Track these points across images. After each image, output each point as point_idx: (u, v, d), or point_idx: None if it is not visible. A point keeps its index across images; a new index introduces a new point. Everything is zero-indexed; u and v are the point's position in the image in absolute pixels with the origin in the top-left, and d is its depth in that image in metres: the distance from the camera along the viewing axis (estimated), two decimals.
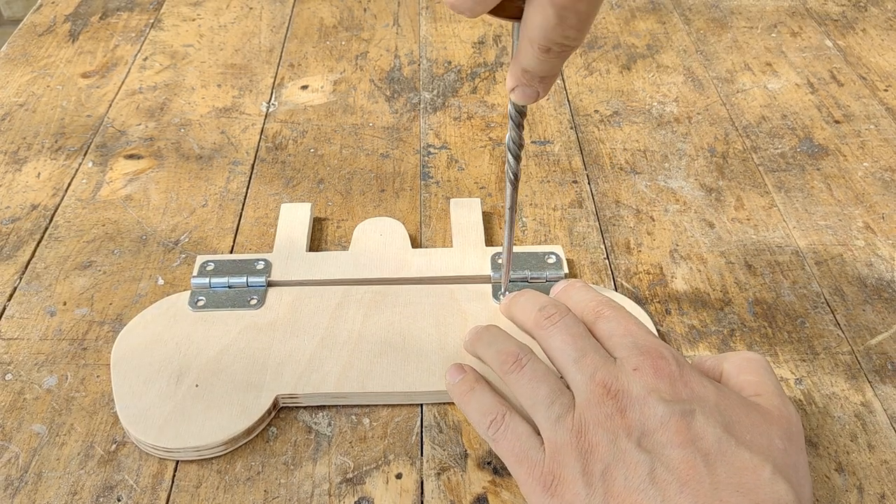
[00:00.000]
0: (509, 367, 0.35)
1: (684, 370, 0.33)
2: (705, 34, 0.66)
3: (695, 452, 0.30)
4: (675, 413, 0.31)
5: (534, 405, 0.33)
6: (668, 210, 0.48)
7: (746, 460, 0.30)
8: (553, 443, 0.32)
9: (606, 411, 0.31)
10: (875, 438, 0.36)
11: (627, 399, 0.32)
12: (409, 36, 0.66)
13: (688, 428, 0.30)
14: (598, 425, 0.31)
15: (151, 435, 0.35)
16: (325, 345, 0.39)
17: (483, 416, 0.34)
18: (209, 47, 0.65)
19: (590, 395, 0.32)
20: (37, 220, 0.48)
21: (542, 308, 0.36)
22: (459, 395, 0.36)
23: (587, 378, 0.33)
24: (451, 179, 0.51)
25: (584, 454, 0.31)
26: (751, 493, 0.29)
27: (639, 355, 0.33)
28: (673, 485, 0.29)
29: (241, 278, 0.42)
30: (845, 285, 0.43)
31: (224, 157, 0.53)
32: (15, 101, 0.59)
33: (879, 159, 0.52)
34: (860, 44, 0.64)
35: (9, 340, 0.41)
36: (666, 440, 0.30)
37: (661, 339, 0.34)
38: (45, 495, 0.34)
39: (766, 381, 0.34)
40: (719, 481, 0.29)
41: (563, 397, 0.33)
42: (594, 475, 0.30)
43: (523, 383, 0.34)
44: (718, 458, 0.30)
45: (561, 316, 0.36)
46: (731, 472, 0.29)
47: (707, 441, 0.30)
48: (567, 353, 0.34)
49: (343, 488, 0.34)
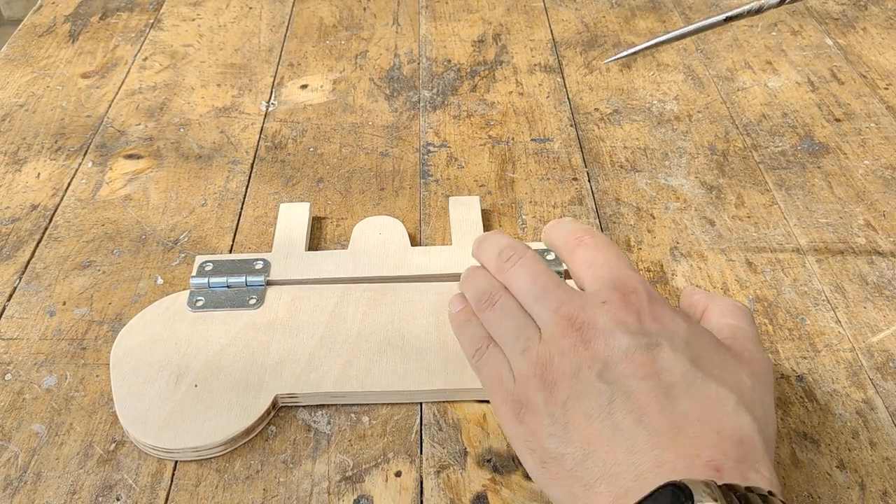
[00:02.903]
0: (483, 304, 0.36)
1: (655, 305, 0.33)
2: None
3: (658, 384, 0.30)
4: (640, 345, 0.31)
5: (503, 339, 0.34)
6: (668, 208, 0.48)
7: (711, 392, 0.30)
8: (520, 373, 0.32)
9: (570, 342, 0.32)
10: (877, 435, 0.36)
11: (592, 331, 0.32)
12: (408, 35, 0.66)
13: (653, 361, 0.30)
14: (561, 357, 0.31)
15: (150, 435, 0.35)
16: (324, 344, 0.39)
17: (472, 345, 0.35)
18: (209, 47, 0.65)
19: (554, 327, 0.32)
20: (36, 221, 0.48)
21: (500, 252, 0.37)
22: (457, 324, 0.37)
23: (551, 312, 0.33)
24: (450, 178, 0.51)
25: (548, 385, 0.31)
26: (712, 422, 0.29)
27: (610, 289, 0.33)
28: (632, 415, 0.29)
29: (240, 278, 0.42)
30: (846, 283, 0.43)
31: (223, 156, 0.53)
32: (15, 101, 0.59)
33: (880, 157, 0.52)
34: (861, 42, 0.64)
35: (8, 340, 0.40)
36: (629, 372, 0.30)
37: (638, 274, 0.34)
38: (44, 495, 0.34)
39: (745, 327, 0.34)
40: (681, 412, 0.29)
41: (529, 331, 0.33)
42: (556, 405, 0.31)
43: (494, 319, 0.35)
44: (682, 390, 0.30)
45: (519, 256, 0.36)
46: (695, 403, 0.29)
47: (672, 374, 0.30)
48: (529, 292, 0.34)
49: (342, 486, 0.34)
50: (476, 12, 0.70)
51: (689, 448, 0.28)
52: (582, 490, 0.29)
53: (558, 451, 0.30)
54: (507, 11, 0.69)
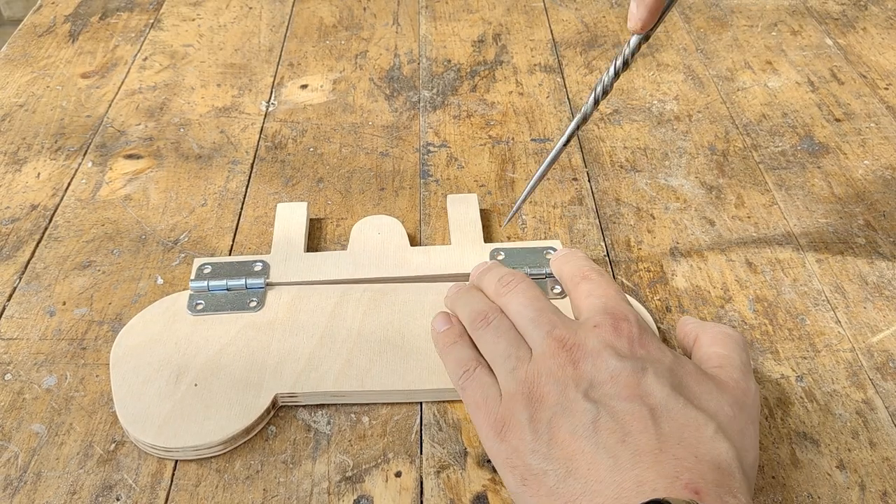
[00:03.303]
0: (478, 323, 0.37)
1: (645, 335, 0.34)
2: (705, 32, 0.66)
3: (642, 406, 0.30)
4: (626, 368, 0.32)
5: (494, 358, 0.35)
6: (668, 208, 0.48)
7: (692, 418, 0.30)
8: (507, 391, 0.33)
9: (559, 362, 0.33)
10: (877, 436, 0.36)
11: (582, 352, 0.33)
12: (408, 35, 0.66)
13: (638, 383, 0.31)
14: (549, 376, 0.32)
15: (150, 434, 0.35)
16: (324, 343, 0.39)
17: (459, 366, 0.36)
18: (209, 47, 0.65)
19: (545, 348, 0.33)
20: (36, 221, 0.48)
21: (500, 278, 0.38)
22: (442, 345, 0.37)
23: (544, 334, 0.34)
24: (450, 178, 0.51)
25: (534, 402, 0.32)
26: (691, 446, 0.29)
27: (602, 314, 0.34)
28: (616, 434, 0.30)
29: (240, 281, 0.42)
30: (846, 283, 0.43)
31: (223, 156, 0.53)
32: (15, 101, 0.59)
33: (880, 157, 0.52)
34: (860, 42, 0.64)
35: (8, 340, 0.40)
36: (614, 392, 0.31)
37: (632, 308, 0.36)
38: (44, 495, 0.34)
39: (732, 356, 0.34)
40: (662, 434, 0.30)
41: (521, 351, 0.34)
42: (541, 422, 0.31)
43: (487, 338, 0.36)
44: (664, 414, 0.30)
45: (518, 282, 0.37)
46: (675, 427, 0.30)
47: (655, 397, 0.31)
48: (524, 314, 0.36)
49: (342, 487, 0.34)
50: (476, 12, 0.70)
51: (670, 469, 0.28)
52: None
53: (541, 467, 0.30)
54: (507, 11, 0.69)
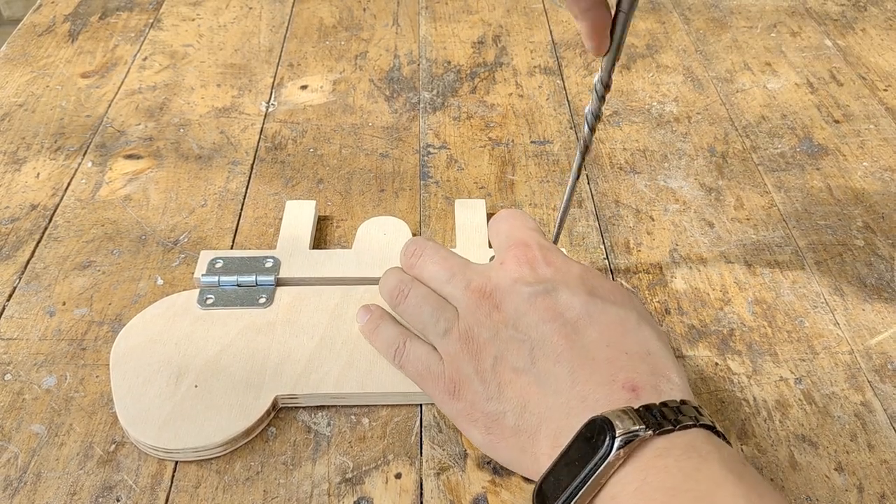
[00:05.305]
0: (396, 299, 0.37)
1: (547, 253, 0.35)
2: (705, 34, 0.66)
3: (564, 323, 0.32)
4: (538, 292, 0.33)
5: (423, 327, 0.36)
6: (667, 210, 0.48)
7: (613, 314, 0.32)
8: (447, 353, 0.34)
9: (485, 311, 0.34)
10: (875, 438, 0.36)
11: (500, 293, 0.34)
12: (408, 36, 0.66)
13: (555, 303, 0.33)
14: (480, 326, 0.34)
15: (150, 435, 0.35)
16: (324, 345, 0.39)
17: (388, 347, 0.37)
18: (209, 47, 0.65)
19: (468, 302, 0.35)
20: (36, 220, 0.48)
21: (406, 249, 0.39)
22: (368, 333, 0.38)
23: (462, 289, 0.35)
24: (450, 179, 0.51)
25: (475, 355, 0.33)
26: (619, 344, 0.31)
27: (507, 249, 0.36)
28: (550, 357, 0.31)
29: (251, 277, 0.42)
30: (845, 285, 0.43)
31: (223, 156, 0.53)
32: (14, 101, 0.59)
33: (879, 159, 0.52)
34: (860, 43, 0.64)
35: (8, 340, 0.40)
36: (538, 318, 0.32)
37: (532, 231, 0.37)
38: (44, 495, 0.34)
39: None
40: (590, 342, 0.31)
41: (447, 312, 0.35)
42: (486, 371, 0.33)
43: (410, 310, 0.37)
44: (587, 322, 0.32)
45: (423, 248, 0.38)
46: (601, 329, 0.32)
47: (575, 309, 0.32)
48: (438, 277, 0.37)
49: (342, 488, 0.34)
50: (476, 14, 0.70)
51: (605, 375, 0.30)
52: (528, 441, 0.31)
53: (498, 410, 0.32)
54: (507, 13, 0.70)
